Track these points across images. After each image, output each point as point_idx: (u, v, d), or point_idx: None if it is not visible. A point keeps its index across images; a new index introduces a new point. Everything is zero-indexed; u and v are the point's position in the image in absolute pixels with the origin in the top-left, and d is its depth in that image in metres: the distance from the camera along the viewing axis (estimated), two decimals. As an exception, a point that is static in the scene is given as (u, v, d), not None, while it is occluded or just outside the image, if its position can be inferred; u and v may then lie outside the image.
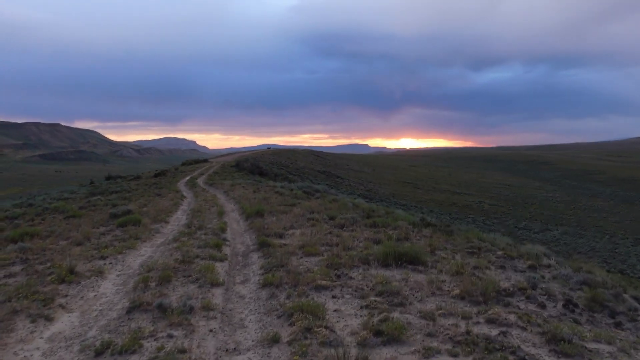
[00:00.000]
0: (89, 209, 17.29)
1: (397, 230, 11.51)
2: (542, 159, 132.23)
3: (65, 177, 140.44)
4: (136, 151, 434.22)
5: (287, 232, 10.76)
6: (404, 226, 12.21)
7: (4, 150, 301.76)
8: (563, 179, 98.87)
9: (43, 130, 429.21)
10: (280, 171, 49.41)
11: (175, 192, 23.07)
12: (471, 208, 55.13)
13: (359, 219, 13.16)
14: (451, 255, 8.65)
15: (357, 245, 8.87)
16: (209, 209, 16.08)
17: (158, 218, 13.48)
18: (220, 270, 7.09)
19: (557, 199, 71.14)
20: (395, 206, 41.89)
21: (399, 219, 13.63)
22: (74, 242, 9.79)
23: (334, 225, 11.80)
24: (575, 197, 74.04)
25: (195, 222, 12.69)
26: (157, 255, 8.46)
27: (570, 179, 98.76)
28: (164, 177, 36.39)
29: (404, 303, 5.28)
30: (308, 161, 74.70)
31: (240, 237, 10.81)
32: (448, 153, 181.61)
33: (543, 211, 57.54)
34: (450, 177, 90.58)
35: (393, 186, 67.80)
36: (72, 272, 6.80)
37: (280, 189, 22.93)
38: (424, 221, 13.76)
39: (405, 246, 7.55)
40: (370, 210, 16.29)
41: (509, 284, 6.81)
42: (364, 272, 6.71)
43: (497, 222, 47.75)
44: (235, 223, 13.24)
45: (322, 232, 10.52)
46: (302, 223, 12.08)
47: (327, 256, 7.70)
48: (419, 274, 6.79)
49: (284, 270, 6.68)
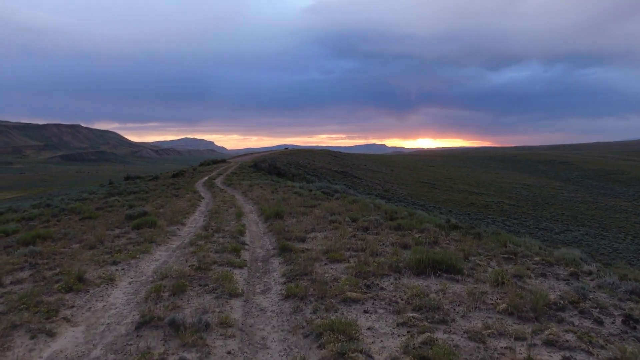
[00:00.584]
0: (106, 209, 17.01)
1: (424, 233, 10.88)
2: (561, 158, 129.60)
3: (85, 178, 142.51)
4: (155, 152, 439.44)
5: (309, 235, 10.20)
6: (430, 229, 11.55)
7: (26, 151, 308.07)
8: (584, 179, 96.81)
9: (64, 131, 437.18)
10: (297, 171, 48.96)
11: (193, 192, 22.73)
12: (490, 208, 53.99)
13: (382, 221, 12.54)
14: (486, 261, 7.98)
15: (385, 251, 8.26)
16: (227, 210, 15.63)
17: (174, 220, 13.06)
18: (239, 278, 6.55)
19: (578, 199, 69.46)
20: (414, 206, 41.11)
21: (424, 221, 12.96)
22: (86, 245, 9.38)
23: (357, 228, 11.21)
24: (596, 198, 72.27)
25: (212, 224, 12.22)
26: (172, 261, 7.98)
27: (591, 179, 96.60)
28: (182, 177, 36.25)
29: (446, 320, 4.65)
30: (325, 161, 74.14)
31: (259, 241, 10.29)
32: (465, 153, 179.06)
33: (564, 212, 56.09)
34: (468, 177, 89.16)
35: (411, 186, 66.84)
36: (80, 280, 6.33)
37: (299, 190, 22.42)
38: (450, 223, 13.07)
39: (439, 253, 6.91)
40: (393, 211, 15.67)
41: (557, 295, 6.13)
42: (395, 281, 6.10)
43: (517, 222, 46.60)
44: (254, 225, 12.74)
45: (345, 235, 9.94)
46: (323, 226, 11.51)
47: (353, 263, 7.11)
48: (457, 284, 6.15)
49: (308, 279, 6.10)
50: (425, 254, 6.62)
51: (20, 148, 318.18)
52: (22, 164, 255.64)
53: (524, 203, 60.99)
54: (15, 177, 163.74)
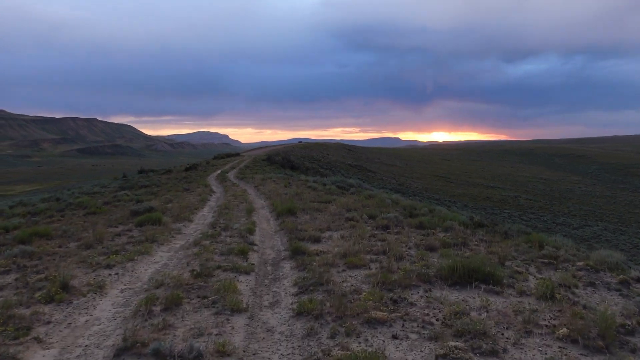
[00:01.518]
0: (113, 204, 16.40)
1: (450, 233, 9.96)
2: (579, 152, 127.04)
3: (101, 171, 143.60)
4: (170, 145, 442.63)
5: (324, 234, 9.34)
6: (456, 228, 10.62)
7: (43, 145, 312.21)
8: (602, 173, 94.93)
9: (80, 125, 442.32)
10: (311, 165, 48.15)
11: (204, 186, 22.04)
12: (506, 202, 52.78)
13: (402, 219, 11.63)
14: (523, 267, 7.04)
15: (409, 254, 7.36)
16: (238, 205, 14.86)
17: (181, 216, 12.31)
18: (244, 288, 5.71)
19: (596, 193, 67.82)
20: (429, 201, 40.00)
21: (447, 219, 12.00)
22: (84, 244, 8.66)
23: (376, 227, 10.32)
24: (615, 192, 70.56)
25: (221, 221, 11.45)
26: (172, 264, 7.19)
27: (610, 173, 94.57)
28: (195, 171, 35.79)
29: (496, 350, 3.75)
30: (339, 155, 73.25)
31: (270, 240, 9.47)
32: (481, 146, 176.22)
33: (582, 206, 54.60)
34: (483, 171, 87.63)
35: (425, 180, 65.66)
36: (65, 288, 5.56)
37: (312, 184, 21.58)
38: (475, 221, 12.09)
39: (474, 259, 5.98)
40: (412, 207, 14.75)
41: (619, 312, 5.17)
42: (426, 294, 5.20)
43: (534, 217, 45.34)
44: (265, 222, 11.93)
45: (364, 235, 9.06)
46: (339, 224, 10.64)
47: (375, 270, 6.23)
48: (498, 298, 5.24)
49: (323, 291, 5.24)
50: (458, 260, 5.71)
51: (37, 141, 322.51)
52: (40, 157, 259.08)
53: (540, 197, 59.60)
54: (33, 170, 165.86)
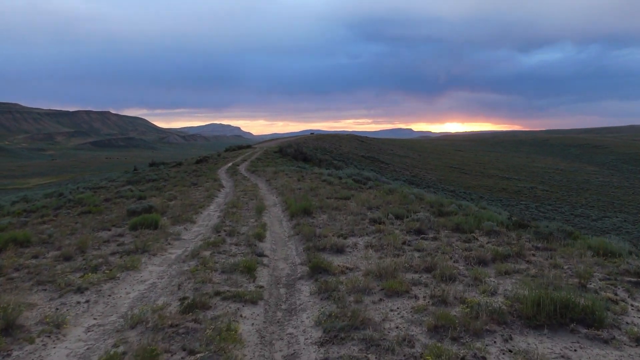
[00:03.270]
0: (114, 201, 15.12)
1: (493, 237, 8.41)
2: (595, 142, 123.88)
3: (114, 164, 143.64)
4: (182, 137, 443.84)
5: (347, 241, 7.81)
6: (498, 231, 9.05)
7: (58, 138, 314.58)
8: (619, 163, 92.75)
9: (94, 118, 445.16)
10: (324, 157, 46.60)
11: (213, 180, 20.65)
12: (522, 194, 51.16)
13: (433, 219, 10.06)
14: (609, 289, 5.44)
15: (459, 271, 5.80)
16: (247, 203, 13.41)
17: (183, 217, 10.87)
18: (249, 330, 4.20)
19: (614, 184, 65.77)
20: (444, 192, 38.23)
21: (483, 218, 10.38)
22: (63, 254, 7.25)
23: (407, 231, 8.77)
24: (633, 182, 68.65)
25: (227, 223, 9.99)
26: (161, 285, 5.73)
27: (627, 163, 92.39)
28: (206, 163, 34.69)
29: None
30: (352, 146, 71.60)
31: (283, 248, 7.97)
32: (494, 137, 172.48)
33: (600, 197, 52.76)
34: (498, 162, 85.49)
35: (439, 171, 63.81)
36: (8, 330, 4.13)
37: (327, 177, 20.05)
38: (515, 221, 10.43)
39: (565, 292, 4.40)
40: (439, 204, 13.19)
41: None
42: (506, 345, 3.66)
43: (552, 208, 43.69)
44: (277, 223, 10.45)
45: (395, 242, 7.52)
46: (363, 227, 9.11)
47: (423, 299, 4.70)
48: (607, 348, 3.68)
49: (360, 339, 3.73)
50: (545, 293, 4.13)
51: (51, 135, 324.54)
52: (54, 150, 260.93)
53: (557, 188, 57.75)
54: (47, 163, 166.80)
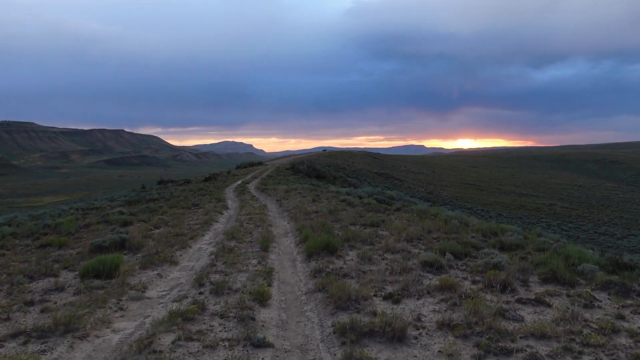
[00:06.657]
0: (93, 227, 12.39)
1: (611, 295, 5.45)
2: (612, 157, 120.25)
3: (127, 182, 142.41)
4: (195, 155, 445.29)
5: (404, 312, 4.84)
6: (604, 280, 6.07)
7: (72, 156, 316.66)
8: (638, 179, 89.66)
9: (108, 136, 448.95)
10: (337, 173, 43.78)
11: (217, 200, 17.80)
12: (542, 211, 47.93)
13: (507, 259, 7.10)
14: None
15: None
16: (251, 232, 10.50)
17: (161, 255, 7.97)
18: None
19: (636, 200, 62.51)
20: (462, 210, 34.95)
21: (572, 255, 7.42)
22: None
23: (486, 284, 5.78)
24: (655, 199, 64.44)
25: (218, 266, 7.10)
26: None
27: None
28: (214, 181, 32.32)
29: None
30: (365, 163, 68.83)
31: (296, 324, 5.03)
32: (508, 153, 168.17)
33: (622, 214, 49.47)
34: (514, 178, 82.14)
35: (455, 188, 60.62)
36: None
37: (346, 197, 17.07)
38: (616, 262, 7.32)
39: None
40: (491, 231, 10.22)
41: None
42: None
43: (574, 226, 40.52)
44: (289, 266, 7.53)
45: (479, 312, 4.55)
46: (417, 276, 6.13)
47: None
48: None
49: None
50: None
51: (66, 153, 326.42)
52: (68, 168, 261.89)
53: (577, 205, 54.39)
54: (61, 181, 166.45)
